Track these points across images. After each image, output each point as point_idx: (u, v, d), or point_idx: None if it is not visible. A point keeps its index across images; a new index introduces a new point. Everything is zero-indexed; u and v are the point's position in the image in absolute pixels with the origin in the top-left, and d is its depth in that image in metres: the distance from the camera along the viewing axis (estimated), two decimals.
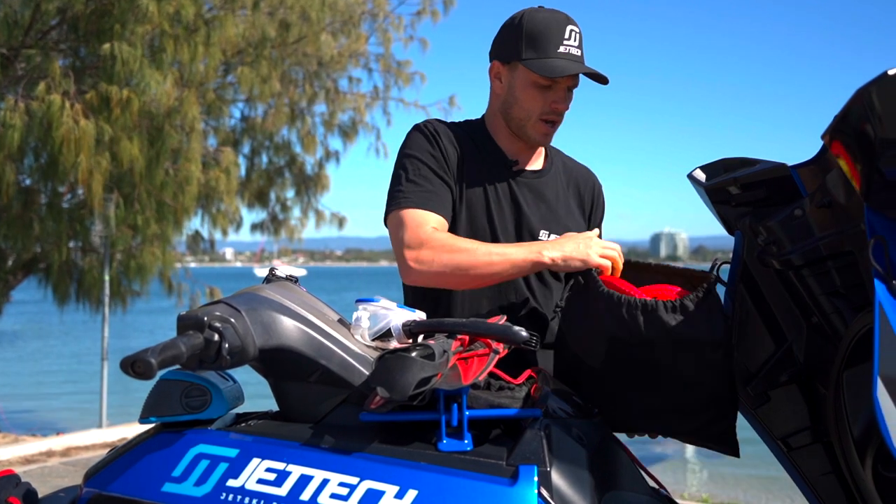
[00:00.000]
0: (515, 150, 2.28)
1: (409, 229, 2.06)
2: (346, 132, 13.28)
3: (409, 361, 1.48)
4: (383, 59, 13.02)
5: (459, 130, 2.26)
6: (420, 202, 2.11)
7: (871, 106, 1.41)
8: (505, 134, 2.27)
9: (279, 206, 13.62)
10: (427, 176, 2.14)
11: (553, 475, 1.51)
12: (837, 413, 1.79)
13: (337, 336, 1.65)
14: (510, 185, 2.24)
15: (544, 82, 2.14)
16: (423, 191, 2.12)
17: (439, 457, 1.53)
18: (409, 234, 2.05)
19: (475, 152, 2.23)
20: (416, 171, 2.15)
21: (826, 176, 1.84)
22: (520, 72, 2.17)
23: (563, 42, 2.13)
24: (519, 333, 1.64)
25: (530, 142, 2.23)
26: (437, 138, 2.19)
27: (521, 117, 2.20)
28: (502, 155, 2.26)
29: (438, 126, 2.23)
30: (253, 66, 10.96)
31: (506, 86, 2.22)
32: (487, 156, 2.25)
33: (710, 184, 2.09)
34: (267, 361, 1.62)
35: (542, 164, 2.32)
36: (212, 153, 11.17)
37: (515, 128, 2.22)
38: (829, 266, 1.88)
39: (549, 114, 2.18)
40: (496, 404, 1.62)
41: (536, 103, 2.17)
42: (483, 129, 2.30)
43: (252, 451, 1.56)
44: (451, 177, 2.17)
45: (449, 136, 2.21)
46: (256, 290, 1.68)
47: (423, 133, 2.21)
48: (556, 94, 2.16)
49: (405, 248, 2.05)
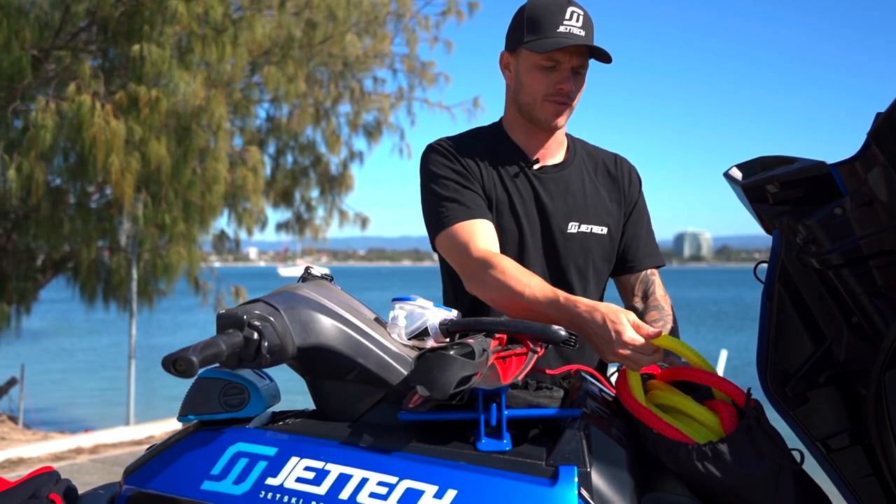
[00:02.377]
0: (535, 146, 2.27)
1: (464, 246, 2.09)
2: (370, 132, 13.35)
3: (449, 360, 1.47)
4: (408, 59, 13.08)
5: (471, 140, 2.28)
6: (464, 215, 2.13)
7: None
8: (522, 128, 2.27)
9: (304, 205, 13.73)
10: (459, 190, 2.16)
11: (593, 476, 1.49)
12: (878, 414, 1.76)
13: (374, 335, 1.64)
14: (532, 184, 2.24)
15: (545, 63, 2.15)
16: (462, 205, 2.14)
17: (478, 456, 1.52)
18: (466, 251, 2.08)
19: (493, 157, 2.24)
20: (448, 188, 2.17)
21: (868, 173, 1.81)
22: (523, 56, 2.19)
23: (563, 22, 2.13)
24: (558, 332, 1.63)
25: (542, 125, 2.22)
26: (453, 153, 2.21)
27: (528, 101, 2.20)
28: (521, 153, 2.26)
29: (450, 142, 2.26)
30: (279, 66, 11.01)
31: (514, 74, 2.24)
32: (506, 158, 2.25)
33: (747, 182, 2.06)
34: (305, 360, 1.62)
35: (563, 156, 2.31)
36: (238, 153, 11.23)
37: (526, 114, 2.23)
38: (870, 265, 1.85)
39: (554, 95, 2.17)
40: (535, 404, 1.61)
41: (541, 85, 2.17)
42: (500, 131, 2.31)
43: (290, 449, 1.56)
44: (478, 186, 2.19)
45: (462, 148, 2.23)
46: (294, 289, 1.68)
47: (439, 152, 2.23)
48: (560, 74, 2.15)
49: (464, 264, 2.09)
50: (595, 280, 2.28)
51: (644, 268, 2.32)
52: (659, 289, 2.30)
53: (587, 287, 2.26)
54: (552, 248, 2.22)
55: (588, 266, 2.25)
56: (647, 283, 2.30)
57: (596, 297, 2.27)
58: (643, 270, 2.31)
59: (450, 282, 2.29)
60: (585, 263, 2.24)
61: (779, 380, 2.01)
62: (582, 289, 2.24)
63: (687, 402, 1.73)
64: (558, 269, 2.22)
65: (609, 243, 2.28)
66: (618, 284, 2.37)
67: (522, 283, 1.94)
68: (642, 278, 2.30)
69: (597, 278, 2.28)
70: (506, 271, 1.97)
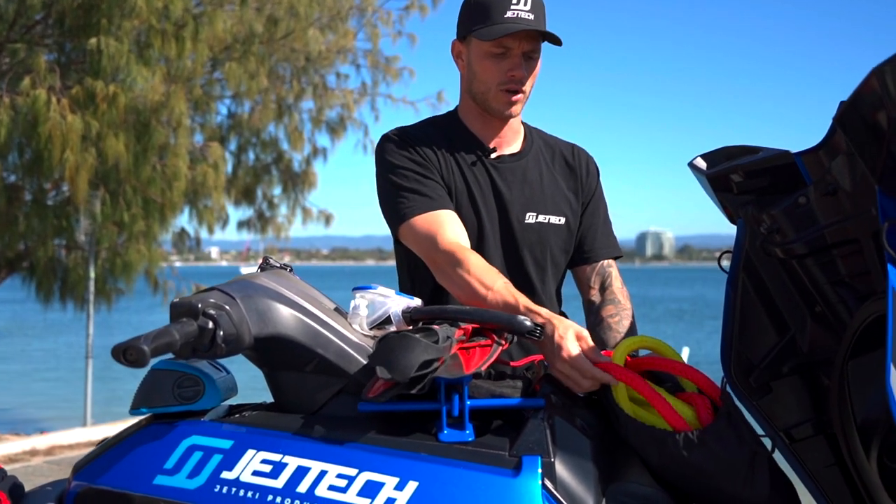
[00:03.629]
0: (491, 134, 2.24)
1: (430, 238, 2.05)
2: (333, 129, 13.25)
3: (412, 341, 1.44)
4: (371, 54, 13.01)
5: (427, 129, 2.24)
6: (428, 206, 2.09)
7: (885, 85, 1.38)
8: (477, 117, 2.24)
9: (266, 203, 13.59)
10: (420, 180, 2.13)
11: (557, 466, 1.47)
12: (841, 404, 1.76)
13: (334, 324, 1.61)
14: (489, 173, 2.21)
15: (495, 50, 2.11)
16: (425, 196, 2.10)
17: (440, 447, 1.49)
18: (433, 243, 2.04)
19: (450, 146, 2.20)
20: (408, 179, 2.13)
21: (831, 162, 1.81)
22: (473, 45, 2.15)
23: (510, 7, 2.09)
24: (523, 323, 1.61)
25: (497, 115, 2.19)
26: (410, 143, 2.18)
27: (482, 90, 2.17)
28: (478, 142, 2.23)
29: (406, 131, 2.22)
30: (240, 61, 10.92)
31: (466, 63, 2.20)
32: (463, 147, 2.22)
33: (712, 172, 2.05)
34: (262, 350, 1.58)
35: (520, 145, 2.28)
36: (199, 149, 11.10)
37: (480, 103, 2.19)
38: (833, 254, 1.85)
39: (506, 83, 2.13)
40: (498, 394, 1.59)
41: (493, 73, 2.13)
42: (456, 120, 2.28)
43: (247, 442, 1.52)
44: (437, 175, 2.15)
45: (419, 137, 2.20)
46: (251, 278, 1.64)
47: (395, 142, 2.19)
48: (511, 61, 2.12)
49: (432, 258, 2.06)
50: (553, 271, 2.25)
51: (601, 258, 2.29)
52: (616, 280, 2.27)
53: (545, 278, 2.23)
54: (510, 239, 2.20)
55: (546, 257, 2.23)
56: (604, 274, 2.28)
57: (553, 288, 2.26)
58: (600, 261, 2.29)
59: (407, 273, 2.26)
60: (543, 254, 2.22)
61: (743, 370, 2.01)
62: (540, 280, 2.22)
63: (661, 393, 1.71)
64: (516, 259, 2.19)
65: (567, 234, 2.26)
66: (574, 276, 2.34)
67: (486, 284, 1.91)
68: (599, 269, 2.28)
69: (555, 269, 2.26)
70: (471, 270, 1.94)
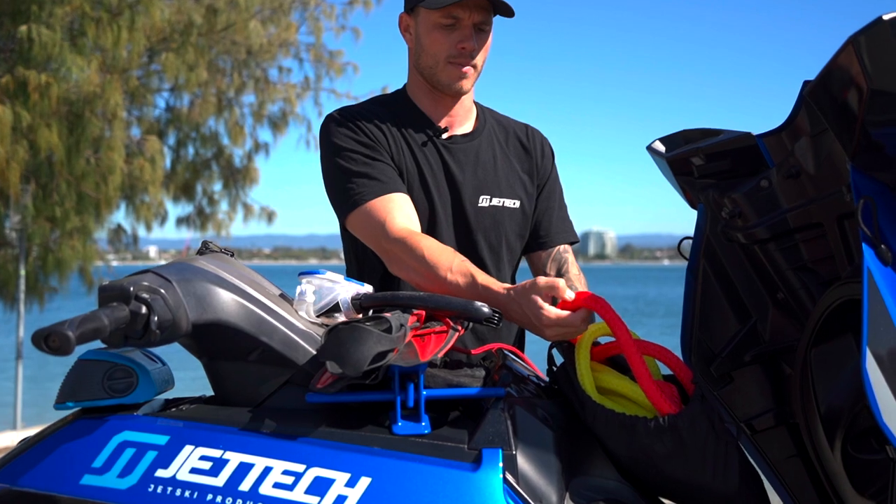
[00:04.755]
0: (442, 113, 2.16)
1: (380, 225, 1.95)
2: (275, 123, 13.13)
3: (364, 333, 1.34)
4: (314, 48, 12.90)
5: (374, 108, 2.15)
6: (378, 190, 1.99)
7: (861, 56, 1.33)
8: (426, 95, 2.15)
9: (206, 199, 13.40)
10: (368, 163, 2.03)
11: (519, 459, 1.39)
12: (804, 393, 1.73)
13: (279, 311, 1.51)
14: (441, 155, 2.12)
15: (444, 20, 2.03)
16: (374, 179, 2.00)
17: (394, 441, 1.40)
18: (383, 231, 1.94)
19: (399, 126, 2.11)
20: (356, 162, 2.03)
21: (794, 145, 1.78)
22: (421, 16, 2.07)
23: None
24: (481, 309, 1.52)
25: (446, 90, 2.10)
26: (356, 123, 2.08)
27: (430, 64, 2.08)
28: (428, 122, 2.15)
29: (352, 111, 2.12)
30: (179, 53, 10.68)
31: (414, 36, 2.12)
32: (412, 127, 2.13)
33: (671, 155, 2.00)
34: (200, 338, 1.47)
35: (472, 125, 2.20)
36: (136, 143, 10.86)
37: (429, 79, 2.11)
38: (796, 239, 1.83)
39: (456, 55, 2.05)
40: (455, 383, 1.49)
41: (442, 45, 2.05)
42: (404, 99, 2.19)
43: (184, 437, 1.41)
44: (386, 157, 2.06)
45: (366, 117, 2.10)
46: (189, 261, 1.53)
47: (341, 122, 2.09)
48: (462, 32, 2.04)
49: (383, 247, 1.95)
50: (508, 256, 2.18)
51: (557, 244, 2.23)
52: (573, 267, 2.21)
53: (500, 263, 2.16)
54: (463, 223, 2.11)
55: (501, 241, 2.15)
56: (561, 260, 2.21)
57: (509, 274, 2.19)
58: (556, 246, 2.22)
59: (355, 260, 2.17)
60: (498, 239, 2.14)
61: (703, 359, 1.97)
62: (494, 265, 2.14)
63: (625, 383, 1.63)
64: (470, 244, 2.11)
65: (522, 217, 2.18)
66: (530, 262, 2.28)
67: (444, 266, 1.82)
68: (555, 255, 2.22)
69: (510, 254, 2.19)
70: (426, 255, 1.85)
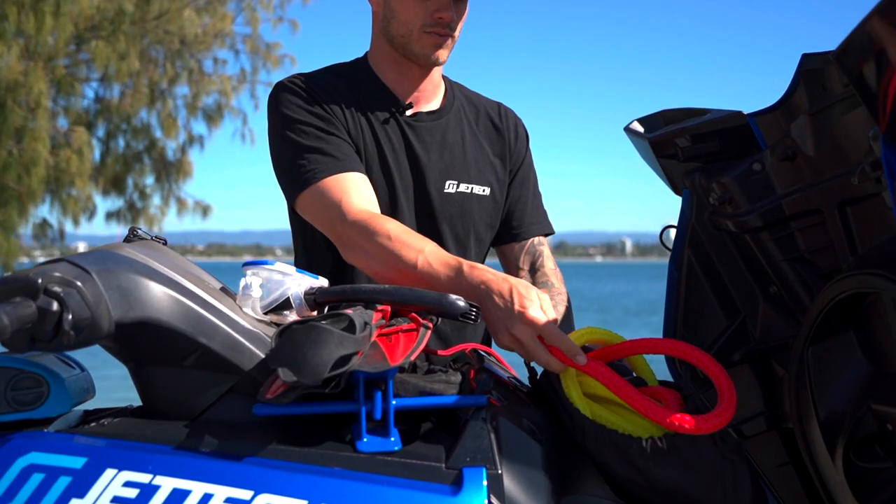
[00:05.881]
0: (408, 87, 1.94)
1: (335, 206, 1.73)
2: (210, 116, 12.99)
3: (323, 333, 1.13)
4: (251, 40, 12.80)
5: (331, 78, 1.92)
6: (332, 168, 1.77)
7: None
8: (392, 67, 1.94)
9: (137, 193, 13.21)
10: (323, 137, 1.81)
11: (505, 479, 1.19)
12: (800, 395, 1.60)
13: (220, 307, 1.29)
14: (404, 133, 1.91)
15: None
16: (329, 155, 1.79)
17: (359, 460, 1.20)
18: (339, 213, 1.72)
19: (358, 99, 1.90)
20: (308, 136, 1.81)
21: (791, 124, 1.65)
22: None
23: None
24: (456, 303, 1.32)
25: (420, 60, 1.89)
26: (311, 93, 1.86)
27: (402, 33, 1.87)
28: (391, 96, 1.93)
29: (306, 80, 1.90)
30: (109, 41, 10.33)
31: (382, 0, 1.90)
32: (374, 100, 1.92)
33: (654, 135, 1.85)
34: (126, 340, 1.25)
35: (440, 102, 1.99)
36: (62, 134, 10.49)
37: (400, 47, 1.89)
38: (792, 227, 1.72)
39: (432, 25, 1.85)
40: (429, 391, 1.28)
41: (416, 14, 1.84)
42: (365, 69, 1.97)
43: (106, 459, 1.19)
44: (343, 132, 1.85)
45: (322, 87, 1.88)
46: (113, 248, 1.30)
47: (294, 92, 1.86)
48: (439, 1, 1.84)
49: (338, 231, 1.73)
50: (476, 248, 1.98)
51: (531, 235, 2.04)
52: (548, 261, 2.03)
53: (467, 256, 1.95)
54: (427, 210, 1.91)
55: (468, 232, 1.95)
56: (535, 253, 2.03)
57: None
58: (530, 238, 2.04)
59: (304, 250, 1.95)
60: (465, 228, 1.95)
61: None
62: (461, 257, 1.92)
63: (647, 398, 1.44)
64: (433, 234, 1.88)
65: (492, 206, 1.99)
66: (501, 255, 2.08)
67: (415, 248, 1.61)
68: (529, 248, 2.03)
69: (478, 246, 1.99)
70: (392, 236, 1.63)
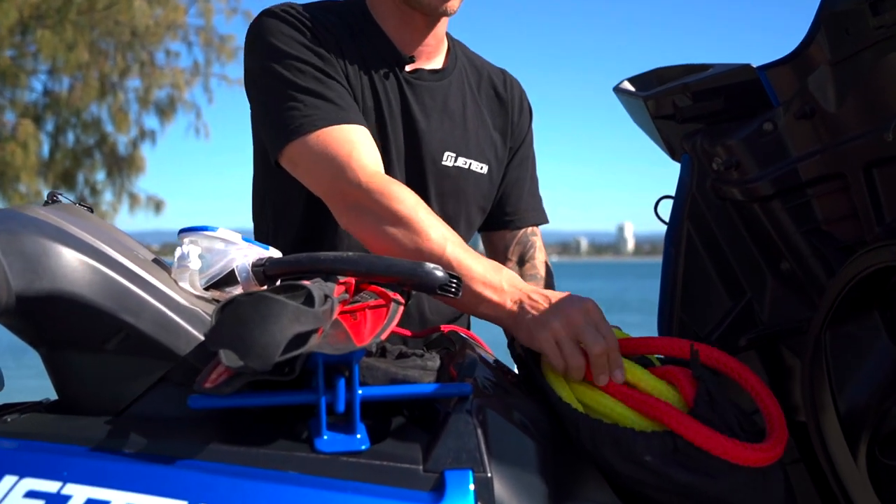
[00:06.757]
0: (410, 39, 1.70)
1: (343, 162, 1.47)
2: (163, 110, 12.90)
3: (275, 307, 0.92)
4: (204, 31, 12.73)
5: (326, 15, 1.66)
6: (336, 117, 1.51)
7: None
8: (393, 12, 1.69)
9: (88, 189, 13.06)
10: (322, 80, 1.55)
11: (496, 484, 1.00)
12: (816, 385, 1.47)
13: (150, 279, 1.09)
14: (402, 92, 1.67)
15: None
16: (331, 102, 1.53)
17: (318, 462, 1.00)
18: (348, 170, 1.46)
19: (355, 45, 1.65)
20: (305, 75, 1.54)
21: (809, 77, 1.48)
22: None
23: None
24: (434, 272, 1.12)
25: (428, 10, 1.65)
26: (307, 25, 1.60)
27: None
28: (391, 47, 1.68)
29: (297, 9, 1.63)
30: (56, 30, 10.01)
31: None
32: (372, 50, 1.67)
33: (650, 94, 1.67)
34: (34, 317, 1.05)
35: (442, 61, 1.76)
36: (8, 126, 10.20)
37: None
38: (808, 195, 1.54)
39: None
40: (402, 378, 1.08)
41: None
42: (363, 12, 1.71)
43: (6, 463, 1.00)
44: (342, 77, 1.59)
45: (318, 21, 1.62)
46: (19, 209, 1.09)
47: (286, 21, 1.59)
48: None
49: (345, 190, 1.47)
50: (465, 231, 1.75)
51: (525, 224, 1.84)
52: (540, 253, 1.84)
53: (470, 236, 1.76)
54: (419, 183, 1.66)
55: (459, 212, 1.73)
56: (527, 244, 1.84)
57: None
58: (523, 227, 1.84)
59: (272, 216, 1.71)
60: (456, 209, 1.73)
61: None
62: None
63: (639, 372, 1.25)
64: None
65: (488, 186, 1.77)
66: (488, 241, 1.88)
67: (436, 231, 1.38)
68: (521, 238, 1.84)
69: (467, 229, 1.77)
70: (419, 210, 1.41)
